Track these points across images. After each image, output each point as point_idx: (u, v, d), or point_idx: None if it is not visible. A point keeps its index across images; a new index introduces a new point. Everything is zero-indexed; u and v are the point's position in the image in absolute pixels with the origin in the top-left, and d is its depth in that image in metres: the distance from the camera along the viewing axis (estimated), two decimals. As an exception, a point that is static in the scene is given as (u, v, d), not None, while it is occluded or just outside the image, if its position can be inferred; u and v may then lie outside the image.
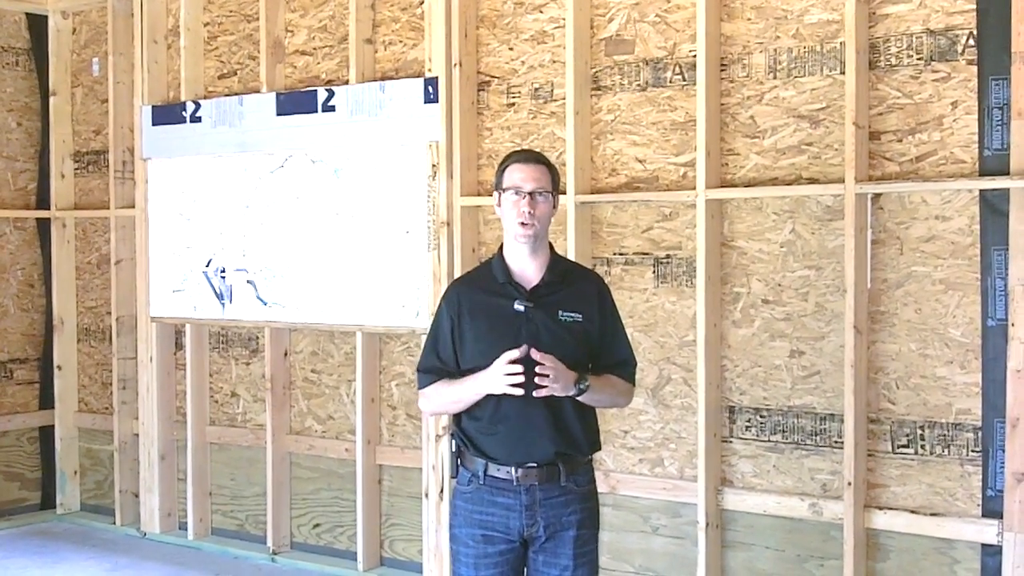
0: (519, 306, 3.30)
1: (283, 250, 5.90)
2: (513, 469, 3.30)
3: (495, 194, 3.41)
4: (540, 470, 3.30)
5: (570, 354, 3.27)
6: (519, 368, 3.17)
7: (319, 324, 5.83)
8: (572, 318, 3.33)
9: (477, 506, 3.35)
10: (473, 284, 3.47)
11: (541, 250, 3.37)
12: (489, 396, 3.30)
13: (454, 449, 3.42)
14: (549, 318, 3.31)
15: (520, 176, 3.33)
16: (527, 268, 3.36)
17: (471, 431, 3.37)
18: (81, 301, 7.01)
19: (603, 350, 3.41)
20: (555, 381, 3.18)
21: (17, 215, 6.95)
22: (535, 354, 3.17)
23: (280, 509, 6.07)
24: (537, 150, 4.23)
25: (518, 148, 4.98)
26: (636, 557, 5.00)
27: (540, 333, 3.28)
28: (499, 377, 3.20)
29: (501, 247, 3.42)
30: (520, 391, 3.18)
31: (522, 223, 3.30)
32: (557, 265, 3.41)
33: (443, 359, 3.39)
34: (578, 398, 3.28)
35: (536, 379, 3.17)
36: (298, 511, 6.09)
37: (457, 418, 3.42)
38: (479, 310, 3.35)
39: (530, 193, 3.30)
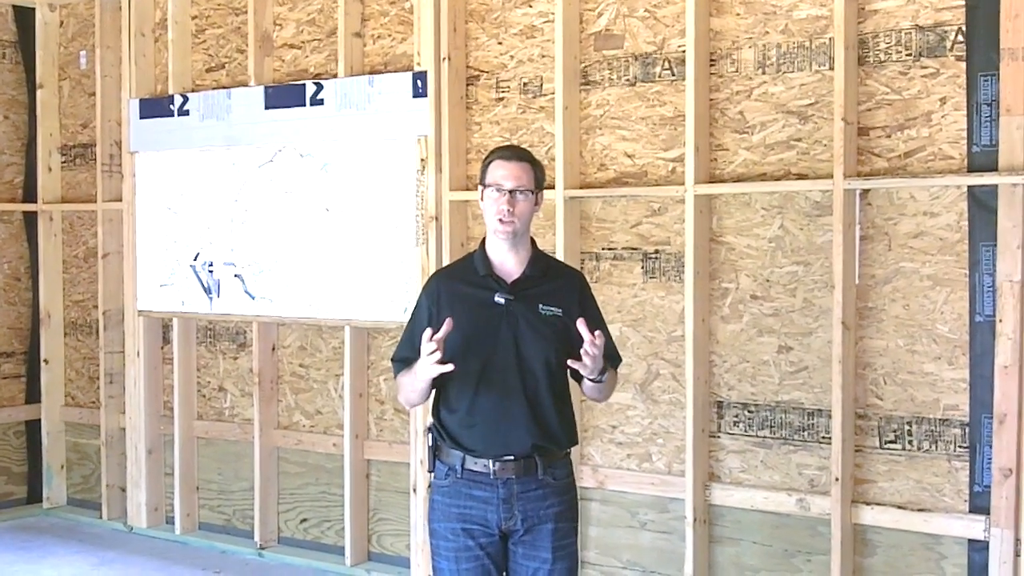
0: (499, 298, 3.30)
1: (271, 244, 5.89)
2: (490, 462, 3.29)
3: (479, 188, 3.40)
4: (517, 463, 3.29)
5: (550, 347, 3.27)
6: (433, 346, 3.14)
7: (307, 318, 5.81)
8: (552, 312, 3.32)
9: (454, 499, 3.34)
10: (454, 276, 3.47)
11: (522, 245, 3.37)
12: (466, 388, 3.30)
13: (430, 443, 3.41)
14: (529, 311, 3.30)
15: (502, 173, 3.32)
16: (508, 262, 3.36)
17: (449, 423, 3.36)
18: (68, 295, 6.99)
19: None
20: (595, 360, 3.16)
21: (3, 208, 6.92)
22: (583, 331, 3.15)
23: (267, 504, 6.06)
24: (523, 146, 4.23)
25: (504, 143, 4.97)
26: (624, 552, 5.00)
27: (520, 326, 3.29)
28: (424, 359, 3.17)
29: (483, 240, 3.41)
30: (447, 367, 3.15)
31: (501, 220, 3.30)
32: (538, 260, 3.41)
33: (418, 349, 3.35)
34: (588, 382, 3.28)
35: (581, 352, 3.15)
36: (285, 506, 6.08)
37: (435, 411, 3.42)
38: (459, 302, 3.34)
39: (510, 191, 3.30)
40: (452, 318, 3.26)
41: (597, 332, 3.17)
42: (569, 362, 3.19)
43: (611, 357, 3.48)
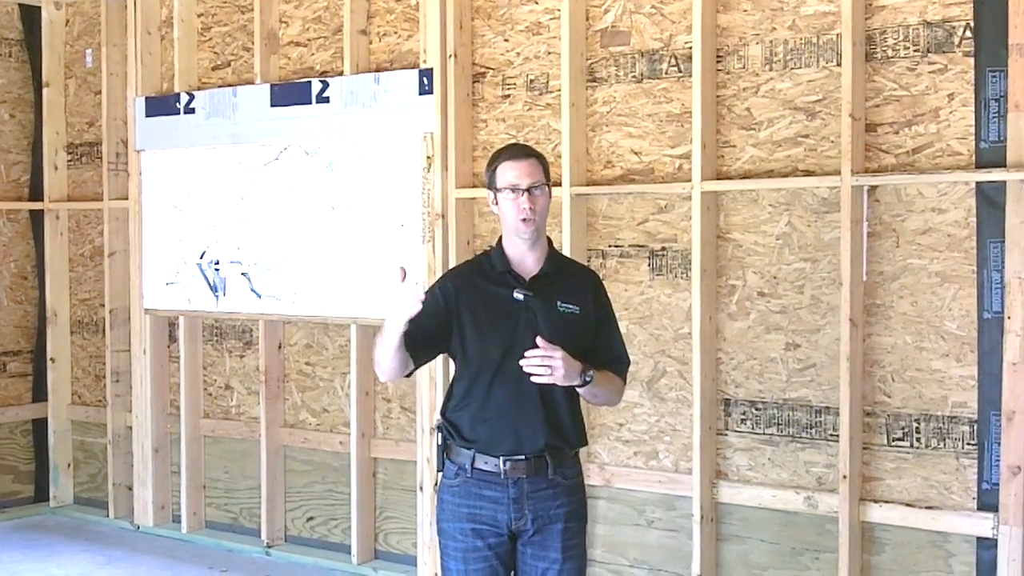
0: (518, 295, 3.29)
1: (277, 243, 5.88)
2: (501, 462, 3.28)
3: (489, 193, 3.38)
4: (528, 463, 3.29)
5: (568, 344, 3.24)
6: (412, 282, 3.08)
7: (313, 317, 5.81)
8: (570, 309, 3.32)
9: (464, 499, 3.33)
10: (471, 273, 3.45)
11: (540, 243, 3.36)
12: (480, 383, 3.29)
13: (440, 442, 3.40)
14: (548, 308, 3.29)
15: (514, 174, 3.30)
16: (526, 259, 3.35)
17: (460, 419, 3.35)
18: (74, 293, 6.99)
19: (599, 346, 3.40)
20: (558, 370, 3.14)
21: (10, 207, 6.92)
22: (541, 343, 3.15)
23: (274, 502, 6.06)
24: (524, 142, 4.20)
25: (507, 143, 4.93)
26: (631, 550, 4.99)
27: (539, 322, 3.27)
28: (396, 304, 3.09)
29: (500, 239, 3.40)
30: (416, 309, 3.07)
31: (523, 219, 3.28)
32: (555, 258, 3.42)
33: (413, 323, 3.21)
34: (580, 389, 3.26)
35: (541, 366, 3.13)
36: (292, 504, 6.08)
37: (445, 408, 3.41)
38: (478, 298, 3.33)
39: (527, 189, 3.28)
40: (472, 317, 3.29)
41: (555, 347, 3.14)
42: (533, 379, 3.15)
43: (619, 360, 3.47)
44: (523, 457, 3.29)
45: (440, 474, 3.42)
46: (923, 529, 4.30)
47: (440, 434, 3.40)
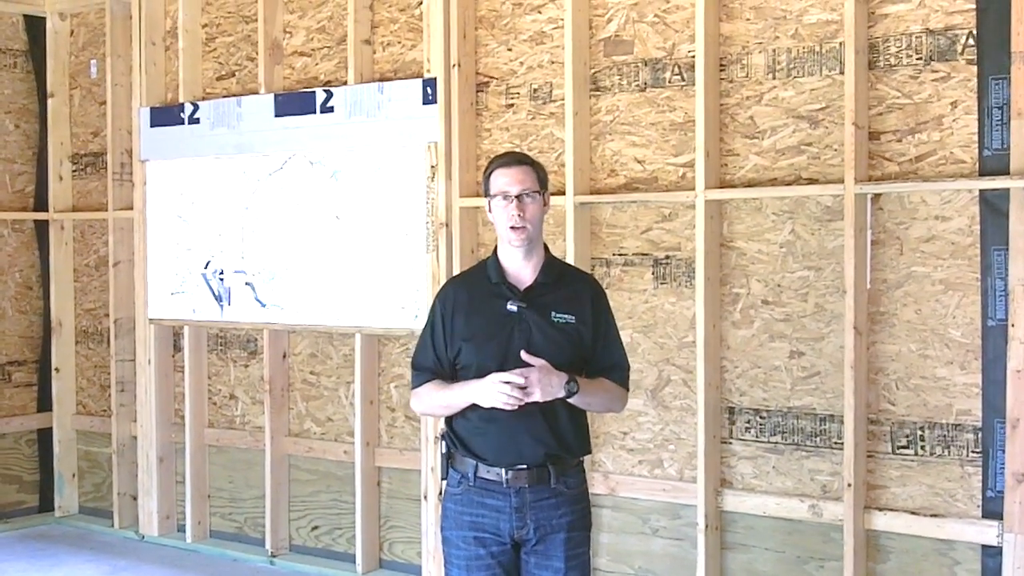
0: (512, 306, 3.29)
1: (282, 252, 5.89)
2: (503, 471, 3.28)
3: (486, 201, 3.40)
4: (530, 472, 3.29)
5: (563, 356, 3.26)
6: (516, 391, 3.17)
7: (318, 326, 5.82)
8: (565, 319, 3.32)
9: (467, 508, 3.33)
10: (468, 283, 3.46)
11: (535, 251, 3.36)
12: None
13: (444, 451, 3.40)
14: (542, 319, 3.29)
15: (505, 180, 3.31)
16: (522, 269, 3.35)
17: (461, 430, 3.35)
18: (79, 303, 7.00)
19: (596, 353, 3.39)
20: (533, 392, 3.17)
21: (15, 217, 6.94)
22: (525, 356, 3.17)
23: (279, 511, 6.06)
24: (522, 151, 4.21)
25: (503, 152, 4.96)
26: (636, 559, 4.98)
27: (533, 334, 3.27)
28: (492, 393, 3.19)
29: (496, 248, 3.41)
30: (511, 407, 3.19)
31: (512, 227, 3.29)
32: (552, 267, 3.40)
33: (439, 356, 3.38)
34: (568, 400, 3.26)
35: (512, 395, 3.18)
36: (297, 513, 6.08)
37: (448, 419, 3.41)
38: (472, 310, 3.34)
39: (517, 196, 3.29)
40: (465, 325, 3.31)
41: (539, 361, 3.20)
42: (505, 407, 3.20)
43: (618, 366, 3.47)
44: (525, 467, 3.29)
45: (444, 483, 3.43)
46: (928, 537, 4.29)
47: (444, 443, 3.41)
